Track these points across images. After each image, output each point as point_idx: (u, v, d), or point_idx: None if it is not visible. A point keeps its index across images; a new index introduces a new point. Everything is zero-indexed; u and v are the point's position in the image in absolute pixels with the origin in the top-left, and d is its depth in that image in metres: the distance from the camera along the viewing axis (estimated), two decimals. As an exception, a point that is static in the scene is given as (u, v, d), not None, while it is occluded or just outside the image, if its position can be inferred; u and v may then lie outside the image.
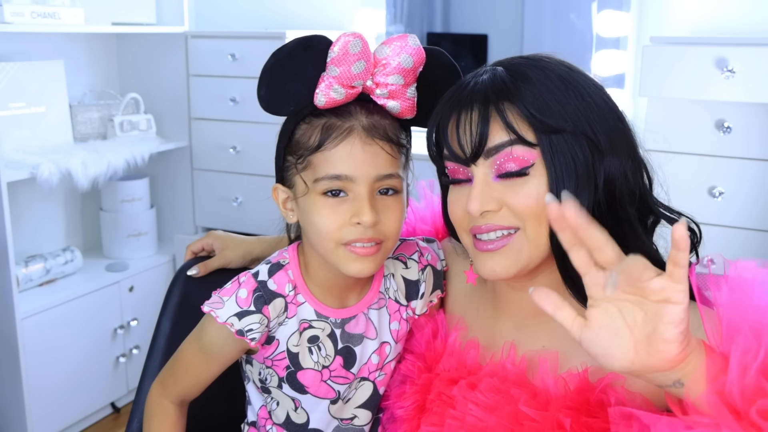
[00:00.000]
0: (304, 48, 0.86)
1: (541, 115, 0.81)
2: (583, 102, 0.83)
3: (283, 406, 0.95)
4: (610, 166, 0.82)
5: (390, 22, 2.73)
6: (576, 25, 2.65)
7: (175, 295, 1.17)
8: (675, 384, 0.69)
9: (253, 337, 0.88)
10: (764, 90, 1.64)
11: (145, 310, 2.46)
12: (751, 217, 1.76)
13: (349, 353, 0.93)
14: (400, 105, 0.89)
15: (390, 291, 0.97)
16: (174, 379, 0.96)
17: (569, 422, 0.80)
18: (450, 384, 0.91)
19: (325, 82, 0.85)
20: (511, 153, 0.82)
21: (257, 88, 0.87)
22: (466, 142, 0.83)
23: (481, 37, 3.06)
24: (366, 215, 0.84)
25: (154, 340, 1.16)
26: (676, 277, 0.64)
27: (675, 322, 0.65)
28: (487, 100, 0.83)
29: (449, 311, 1.01)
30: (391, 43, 0.87)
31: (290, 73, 0.86)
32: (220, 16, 2.71)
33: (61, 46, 2.45)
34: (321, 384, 0.93)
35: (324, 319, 0.92)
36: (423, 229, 1.10)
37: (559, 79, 0.84)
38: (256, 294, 0.88)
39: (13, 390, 2.06)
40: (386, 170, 0.86)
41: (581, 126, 0.82)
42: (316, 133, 0.86)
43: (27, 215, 2.38)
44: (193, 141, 2.57)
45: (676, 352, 0.66)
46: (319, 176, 0.85)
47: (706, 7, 2.03)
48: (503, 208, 0.83)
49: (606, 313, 0.68)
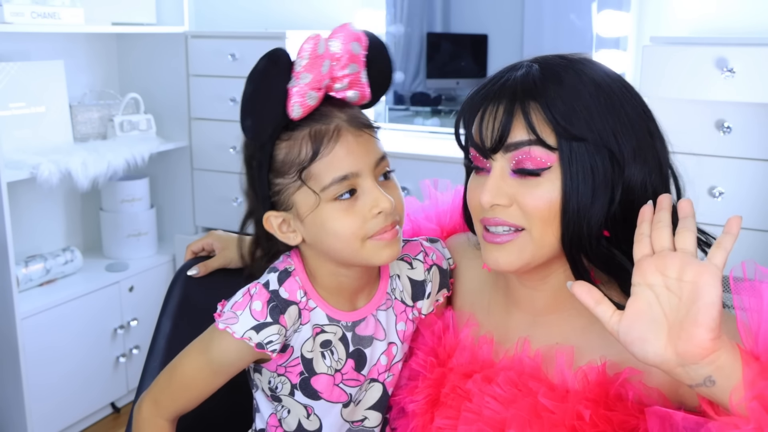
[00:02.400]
0: (273, 64, 0.83)
1: (565, 121, 0.81)
2: (613, 112, 0.82)
3: (295, 414, 0.94)
4: (631, 179, 0.82)
5: (390, 22, 2.73)
6: (576, 25, 2.65)
7: (175, 295, 1.17)
8: (706, 381, 0.70)
9: (273, 349, 0.87)
10: (764, 90, 1.64)
11: (145, 310, 2.46)
12: (751, 217, 1.76)
13: (360, 356, 0.93)
14: (358, 92, 0.89)
15: (396, 292, 0.97)
16: (171, 396, 0.93)
17: (589, 414, 0.80)
18: (464, 378, 0.91)
19: (298, 92, 0.83)
20: (530, 152, 0.82)
21: (241, 119, 0.84)
22: (488, 136, 0.84)
23: (481, 37, 3.05)
24: (384, 202, 0.84)
25: (154, 340, 1.16)
26: (716, 259, 0.69)
27: (708, 304, 0.68)
28: (515, 97, 0.83)
29: (459, 307, 1.02)
30: (336, 36, 0.86)
31: (266, 95, 0.84)
32: (220, 16, 2.71)
33: (61, 46, 2.45)
34: (334, 388, 0.92)
35: (336, 323, 0.91)
36: (428, 227, 1.10)
37: (593, 85, 0.83)
38: (271, 305, 0.87)
39: (13, 390, 2.06)
40: (379, 154, 0.87)
41: (605, 137, 0.81)
42: (305, 144, 0.84)
43: (27, 215, 2.38)
44: (193, 141, 2.57)
45: (707, 338, 0.68)
46: (325, 184, 0.84)
47: (706, 7, 2.03)
48: (514, 205, 0.84)
49: (645, 301, 0.72)
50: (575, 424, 0.81)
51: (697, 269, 0.70)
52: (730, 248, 0.70)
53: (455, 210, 1.11)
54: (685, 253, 0.72)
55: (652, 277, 0.73)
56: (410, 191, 2.15)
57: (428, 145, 2.43)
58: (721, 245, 0.70)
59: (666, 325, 0.71)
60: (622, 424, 0.80)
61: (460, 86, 3.16)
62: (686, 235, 0.73)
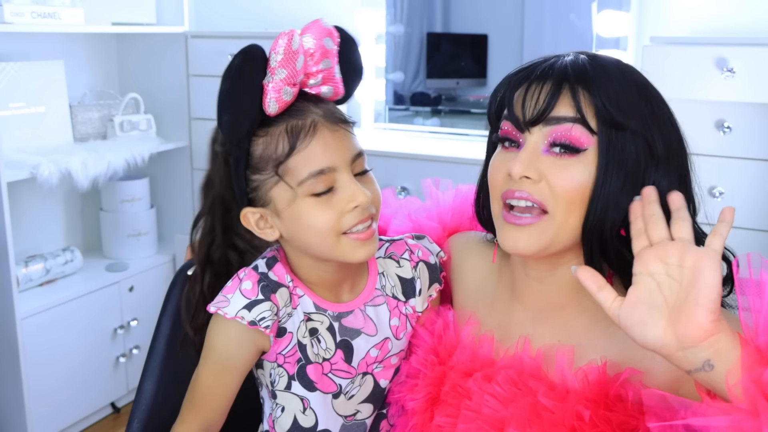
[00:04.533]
0: (249, 60, 0.83)
1: (611, 107, 0.82)
2: (652, 113, 0.84)
3: (290, 411, 0.94)
4: (659, 181, 0.83)
5: (390, 22, 2.73)
6: (576, 25, 2.65)
7: (176, 295, 1.17)
8: (705, 366, 0.70)
9: (266, 325, 0.87)
10: (764, 90, 1.64)
11: (145, 310, 2.46)
12: (751, 217, 1.76)
13: (347, 347, 0.93)
14: (332, 88, 0.89)
15: (387, 288, 0.97)
16: (194, 410, 0.93)
17: (588, 414, 0.80)
18: (465, 376, 0.91)
19: (274, 88, 0.83)
20: (571, 130, 0.83)
21: (218, 116, 0.83)
22: (530, 107, 0.84)
23: (481, 37, 3.06)
24: (361, 196, 0.85)
25: (154, 340, 1.16)
26: (714, 244, 0.71)
27: (708, 286, 0.69)
28: (564, 78, 0.84)
29: (460, 306, 1.02)
30: (309, 31, 0.87)
31: (244, 91, 0.84)
32: (220, 16, 2.71)
33: (61, 46, 2.45)
34: (322, 377, 0.93)
35: (322, 312, 0.93)
36: (429, 226, 1.10)
37: (634, 83, 0.85)
38: (262, 284, 0.88)
39: (13, 390, 2.06)
40: (356, 150, 0.88)
41: (645, 129, 0.83)
42: (281, 139, 0.84)
43: (27, 215, 2.38)
44: (193, 141, 2.57)
45: (708, 319, 0.69)
46: (302, 178, 0.84)
47: (706, 7, 2.03)
48: (543, 181, 0.84)
49: (646, 289, 0.74)
50: (575, 424, 0.81)
51: (697, 254, 0.72)
52: (726, 234, 0.73)
53: (456, 209, 1.11)
54: (683, 241, 0.74)
55: (653, 266, 0.74)
56: (410, 191, 2.15)
57: (428, 145, 2.43)
58: (717, 232, 0.73)
59: (666, 310, 0.72)
60: (622, 425, 0.80)
61: (460, 86, 3.16)
62: (681, 224, 0.75)
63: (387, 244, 1.00)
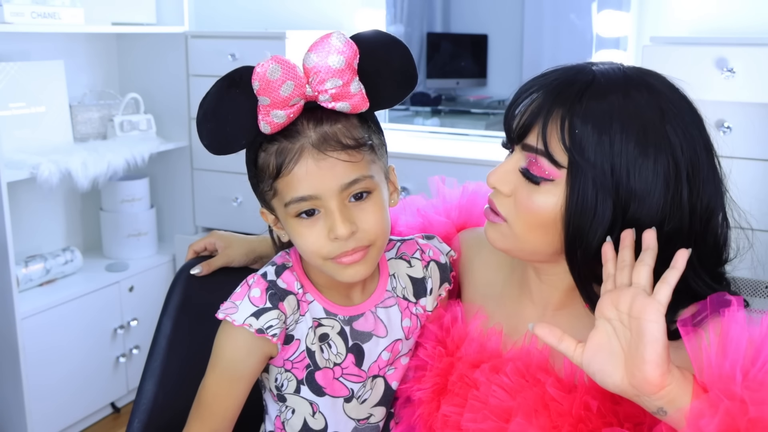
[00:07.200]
0: (230, 86, 0.83)
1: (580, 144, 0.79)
2: (642, 148, 0.79)
3: (300, 414, 0.94)
4: (639, 216, 0.80)
5: (390, 22, 2.72)
6: (576, 25, 2.65)
7: (176, 295, 1.17)
8: (659, 411, 0.73)
9: (273, 333, 0.87)
10: (764, 90, 1.64)
11: (145, 310, 2.47)
12: (751, 217, 1.76)
13: (359, 351, 0.94)
14: (349, 104, 0.84)
15: (398, 289, 0.98)
16: (200, 419, 0.92)
17: (596, 405, 0.81)
18: (472, 368, 0.92)
19: (263, 111, 0.82)
20: (537, 160, 0.83)
21: (199, 137, 0.86)
22: (516, 124, 0.86)
23: (481, 37, 3.05)
24: (339, 229, 0.83)
25: (154, 340, 1.16)
26: (660, 294, 0.71)
27: (652, 341, 0.70)
28: (549, 97, 0.82)
29: (469, 300, 1.03)
30: (315, 49, 0.82)
31: (225, 116, 0.83)
32: (220, 16, 2.71)
33: (61, 46, 2.45)
34: (334, 382, 0.93)
35: (333, 317, 0.93)
36: (440, 223, 1.11)
37: (636, 113, 0.80)
38: (270, 292, 0.88)
39: (13, 390, 2.06)
40: (349, 178, 0.84)
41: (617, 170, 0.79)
42: (272, 159, 0.84)
43: (27, 215, 2.38)
44: (193, 141, 2.57)
45: (656, 374, 0.70)
46: (286, 201, 0.85)
47: (706, 7, 2.03)
48: (512, 197, 0.86)
49: (604, 334, 0.75)
50: (582, 414, 0.82)
51: (641, 306, 0.72)
52: (674, 283, 0.72)
53: (464, 206, 1.12)
54: (637, 288, 0.74)
55: (608, 311, 0.76)
56: (410, 191, 2.16)
57: (428, 145, 2.43)
58: (665, 281, 0.72)
59: (623, 357, 0.74)
60: (629, 417, 0.82)
61: (460, 86, 3.16)
62: (641, 269, 0.75)
63: (398, 244, 1.00)
